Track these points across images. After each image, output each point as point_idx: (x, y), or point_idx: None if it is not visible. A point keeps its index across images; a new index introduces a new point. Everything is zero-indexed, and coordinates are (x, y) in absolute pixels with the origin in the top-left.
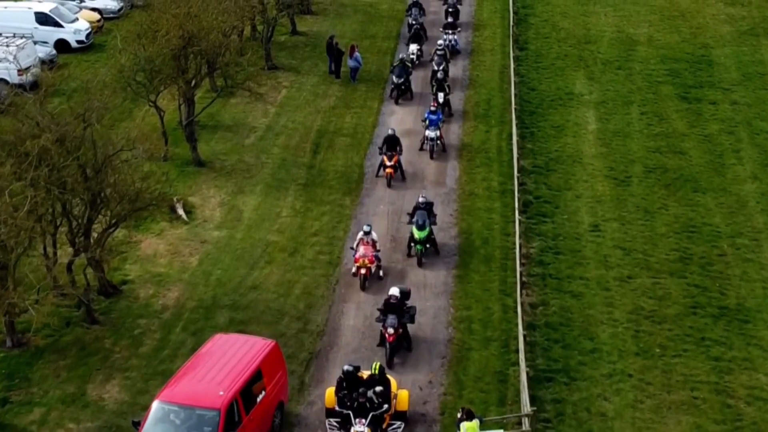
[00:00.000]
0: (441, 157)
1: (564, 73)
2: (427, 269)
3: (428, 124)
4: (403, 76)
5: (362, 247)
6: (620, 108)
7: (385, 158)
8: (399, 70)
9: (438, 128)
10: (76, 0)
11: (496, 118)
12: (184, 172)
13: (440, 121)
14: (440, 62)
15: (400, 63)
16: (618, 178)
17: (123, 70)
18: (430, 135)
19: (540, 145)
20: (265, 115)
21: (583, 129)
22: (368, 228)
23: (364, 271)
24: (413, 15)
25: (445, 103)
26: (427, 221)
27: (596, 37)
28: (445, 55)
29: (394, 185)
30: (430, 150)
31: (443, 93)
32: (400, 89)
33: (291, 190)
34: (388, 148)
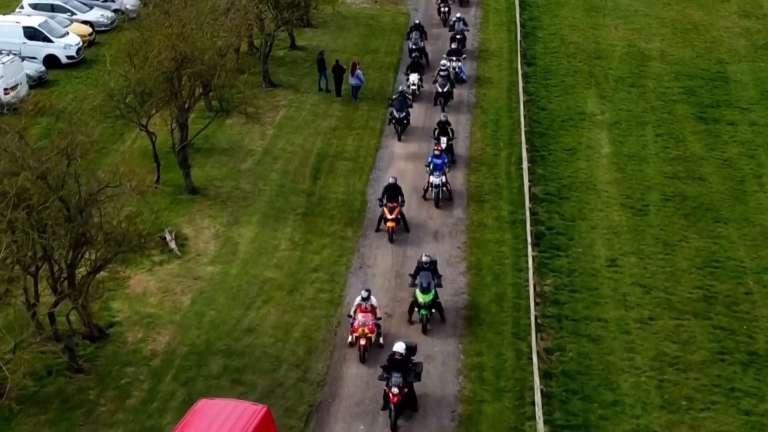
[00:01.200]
0: None
1: (574, 91)
2: None
3: (432, 169)
4: (404, 110)
5: (361, 314)
6: (634, 129)
7: (386, 211)
8: (399, 103)
9: (443, 173)
10: (67, 13)
11: (505, 140)
12: (177, 200)
13: (445, 165)
14: (444, 84)
15: (399, 96)
16: (634, 206)
17: (112, 93)
18: (435, 181)
19: (551, 170)
20: (262, 136)
21: (596, 152)
22: (366, 294)
23: (364, 341)
24: (413, 39)
25: (447, 149)
26: (432, 283)
27: (607, 52)
28: (448, 76)
29: (396, 239)
30: (435, 198)
31: (446, 138)
32: (401, 124)
33: (289, 220)
34: (389, 198)
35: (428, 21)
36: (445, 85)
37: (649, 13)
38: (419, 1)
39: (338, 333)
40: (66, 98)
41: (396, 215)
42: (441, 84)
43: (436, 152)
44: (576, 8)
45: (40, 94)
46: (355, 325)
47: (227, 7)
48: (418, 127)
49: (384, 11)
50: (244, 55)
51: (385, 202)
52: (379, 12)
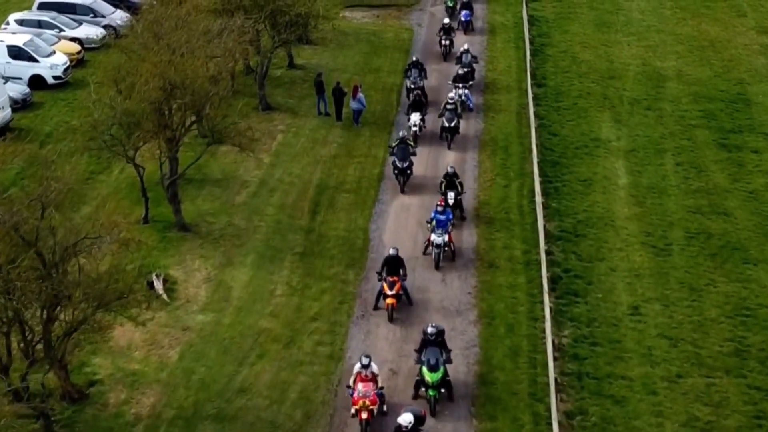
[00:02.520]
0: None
1: (588, 115)
2: None
3: (435, 226)
4: (406, 159)
5: (361, 384)
6: (653, 157)
7: (385, 286)
8: (401, 152)
9: (446, 231)
10: (55, 30)
11: (516, 169)
12: (166, 238)
13: (450, 222)
14: (451, 117)
15: (400, 142)
16: (656, 246)
17: (96, 124)
18: (437, 240)
19: (566, 204)
20: (258, 166)
21: (613, 183)
22: (366, 360)
23: (366, 414)
24: (412, 77)
25: (456, 204)
26: (440, 359)
27: (620, 72)
28: (455, 109)
29: (398, 316)
30: (436, 259)
31: (454, 192)
32: (404, 175)
33: (287, 261)
34: (389, 271)
35: (432, 38)
36: (452, 119)
37: (663, 28)
38: (423, 17)
39: (338, 393)
40: (51, 122)
41: (397, 291)
42: (448, 118)
43: (439, 208)
44: (586, 24)
45: (24, 118)
46: (355, 396)
47: (221, 28)
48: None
49: (386, 26)
50: (239, 74)
51: (384, 276)
52: (382, 27)
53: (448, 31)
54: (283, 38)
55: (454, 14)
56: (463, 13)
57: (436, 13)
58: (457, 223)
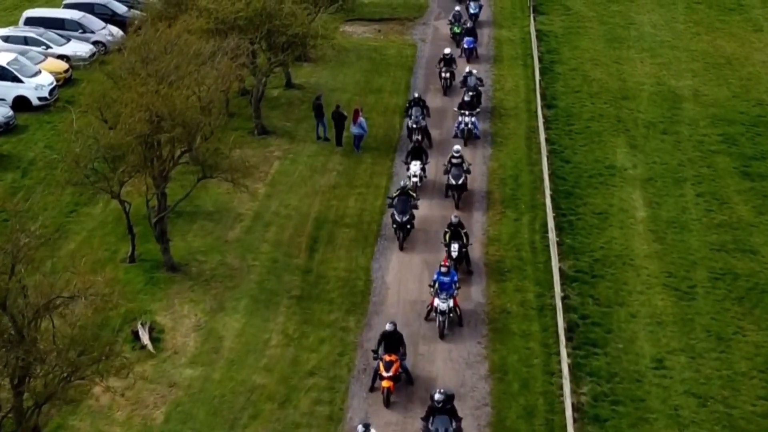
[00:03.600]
0: None
1: (601, 139)
2: None
3: (438, 290)
4: (407, 212)
5: None
6: (671, 187)
7: (382, 366)
8: (401, 204)
9: (451, 296)
10: (42, 47)
11: (526, 201)
12: (154, 279)
13: (455, 285)
14: (458, 174)
15: (401, 193)
16: (679, 288)
17: (78, 159)
18: (441, 307)
19: (581, 240)
20: (253, 197)
21: (630, 217)
22: (363, 429)
23: None
24: (413, 116)
25: (461, 257)
26: (450, 429)
27: (634, 92)
28: (461, 164)
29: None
30: (441, 328)
31: (458, 244)
32: (404, 230)
33: (282, 306)
34: (387, 348)
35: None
36: (459, 176)
37: (677, 44)
38: (426, 31)
39: None
40: (35, 148)
41: (394, 372)
42: (454, 175)
43: (443, 268)
44: (597, 39)
45: (6, 143)
46: None
47: (214, 50)
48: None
49: (388, 42)
50: (234, 95)
51: (380, 354)
52: (383, 43)
53: (449, 62)
54: (279, 60)
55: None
56: (466, 40)
57: (440, 28)
58: (463, 277)
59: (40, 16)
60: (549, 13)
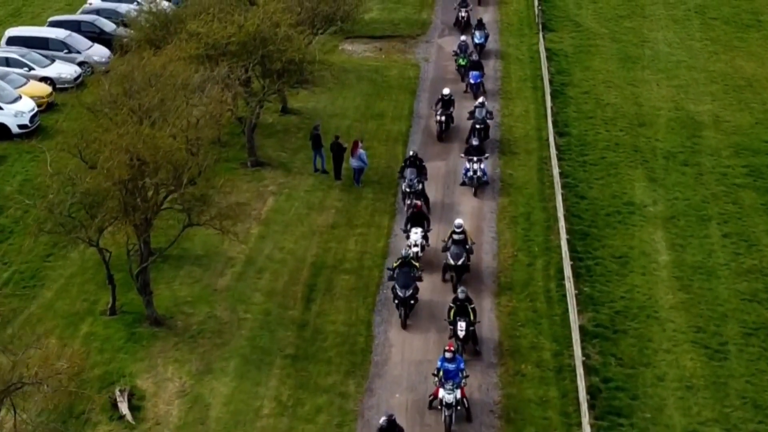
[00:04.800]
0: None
1: (618, 172)
2: None
3: (443, 379)
4: (410, 285)
5: None
6: (695, 227)
7: None
8: (403, 277)
9: (458, 385)
10: (24, 68)
11: (540, 242)
12: (136, 336)
13: (462, 373)
14: (459, 253)
15: (402, 264)
16: (709, 346)
17: (52, 207)
18: (447, 399)
19: (601, 289)
20: (245, 238)
21: (652, 261)
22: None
23: None
24: (407, 179)
25: (468, 336)
26: None
27: (651, 118)
28: (465, 241)
29: None
30: (447, 423)
31: (465, 321)
32: (407, 305)
33: (276, 367)
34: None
35: (441, 74)
36: (459, 255)
37: (694, 64)
38: (430, 50)
39: None
40: (14, 181)
41: None
42: (454, 254)
43: (447, 354)
44: (610, 58)
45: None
46: None
47: (203, 79)
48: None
49: (390, 62)
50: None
51: None
52: (385, 63)
53: (447, 104)
54: (275, 88)
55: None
56: (472, 75)
57: (444, 46)
58: (470, 359)
59: (23, 35)
60: (558, 29)
